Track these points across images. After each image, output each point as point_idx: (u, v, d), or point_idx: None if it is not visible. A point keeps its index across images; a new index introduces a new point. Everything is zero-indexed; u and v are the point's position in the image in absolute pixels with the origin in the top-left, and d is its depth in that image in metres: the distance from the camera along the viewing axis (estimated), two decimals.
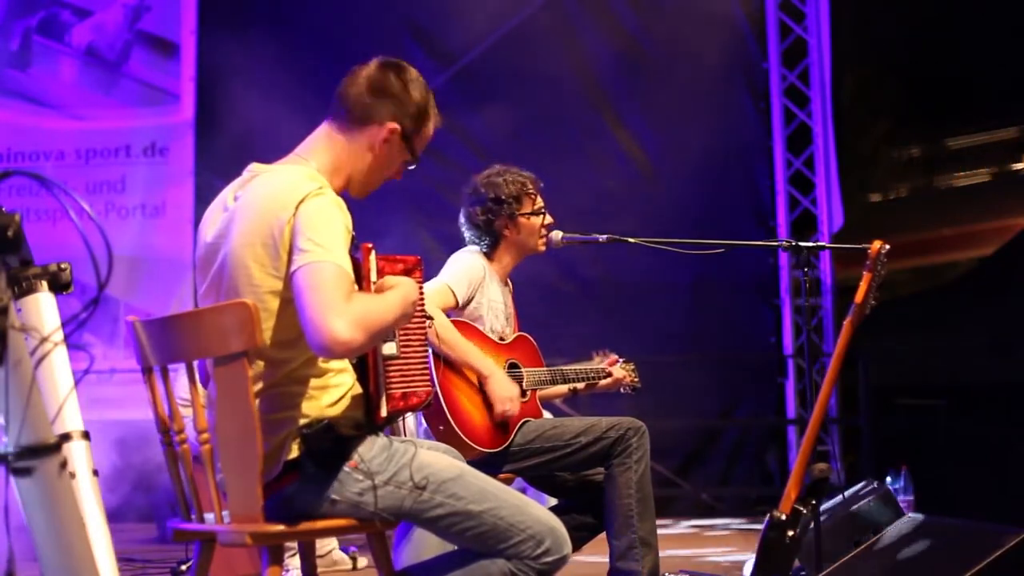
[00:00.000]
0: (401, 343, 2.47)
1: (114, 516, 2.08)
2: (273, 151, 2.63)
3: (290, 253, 2.29)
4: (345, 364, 2.44)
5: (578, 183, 7.11)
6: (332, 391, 2.39)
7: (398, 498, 2.36)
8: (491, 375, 3.42)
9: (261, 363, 2.34)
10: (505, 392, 3.41)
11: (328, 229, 2.29)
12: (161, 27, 7.39)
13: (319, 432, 2.33)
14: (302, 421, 2.34)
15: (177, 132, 7.28)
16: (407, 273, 2.49)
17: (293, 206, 2.31)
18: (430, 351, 3.23)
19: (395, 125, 2.54)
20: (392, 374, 2.46)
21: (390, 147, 2.55)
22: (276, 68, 7.18)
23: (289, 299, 2.30)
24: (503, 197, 3.62)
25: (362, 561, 4.78)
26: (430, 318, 2.67)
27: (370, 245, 2.43)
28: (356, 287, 2.31)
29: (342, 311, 2.18)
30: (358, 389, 2.44)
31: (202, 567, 2.43)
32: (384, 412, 2.42)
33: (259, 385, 2.34)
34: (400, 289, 2.38)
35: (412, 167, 2.64)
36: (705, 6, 7.49)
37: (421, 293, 2.51)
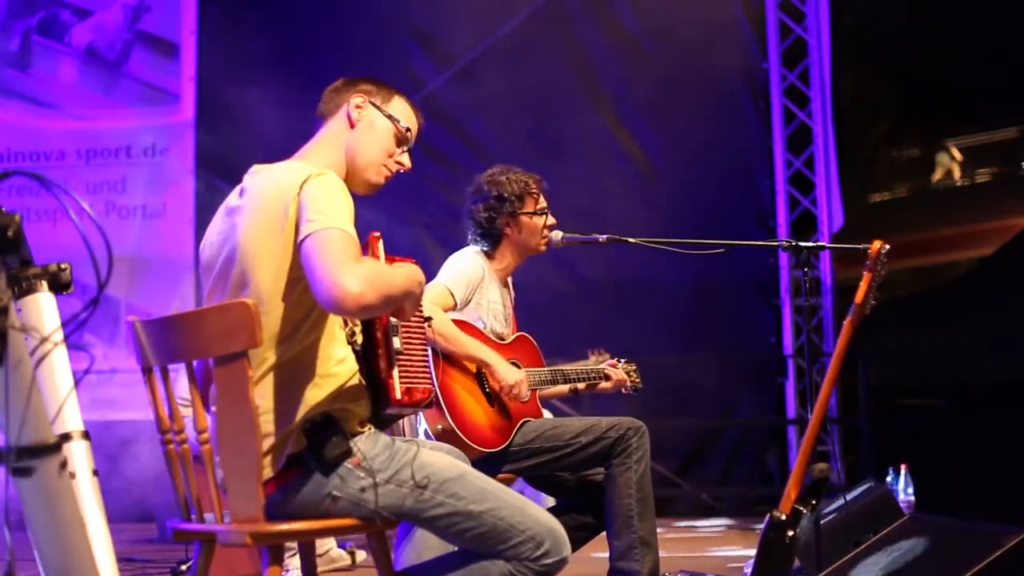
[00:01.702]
0: (403, 340, 2.49)
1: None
2: (273, 151, 2.65)
3: (297, 227, 2.32)
4: (348, 352, 2.45)
5: (578, 183, 7.11)
6: (335, 379, 2.40)
7: (399, 497, 2.36)
8: (494, 363, 3.43)
9: (268, 351, 2.35)
10: (512, 378, 3.43)
11: (333, 203, 2.33)
12: (161, 27, 7.40)
13: (321, 427, 2.34)
14: (306, 414, 2.35)
15: (177, 132, 7.28)
16: None
17: (297, 187, 2.35)
18: (430, 352, 3.24)
19: (358, 94, 2.62)
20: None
21: (367, 116, 2.61)
22: (276, 68, 7.18)
23: (298, 278, 2.33)
24: (506, 195, 3.63)
25: (360, 555, 4.78)
26: (428, 318, 2.68)
27: (378, 234, 2.48)
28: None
29: (352, 268, 2.21)
30: (362, 380, 2.45)
31: (202, 567, 2.43)
32: (398, 394, 2.43)
33: (265, 365, 2.35)
34: (407, 266, 2.43)
35: (408, 144, 2.66)
36: (705, 6, 7.49)
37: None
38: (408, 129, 2.66)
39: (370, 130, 2.61)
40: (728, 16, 7.64)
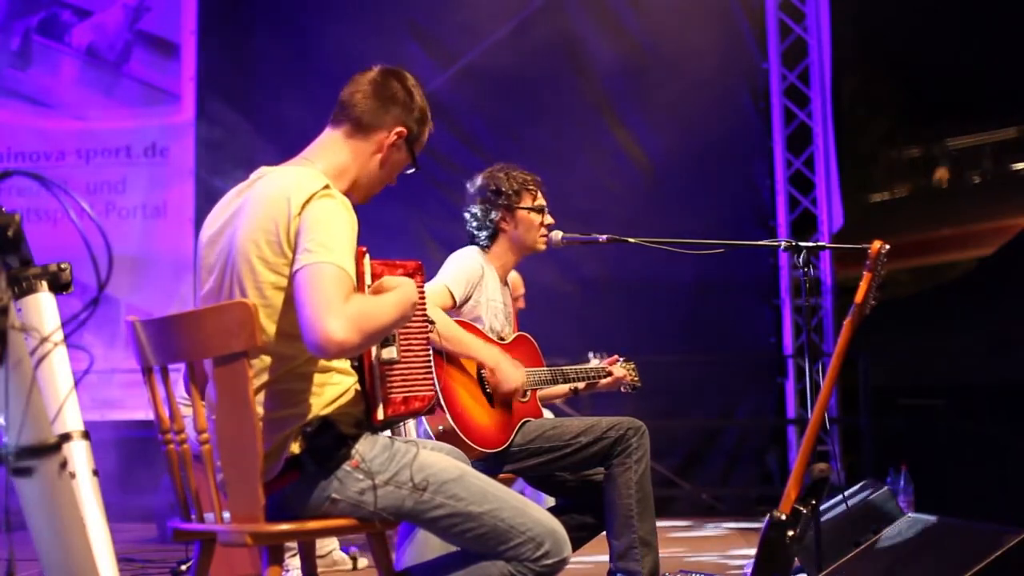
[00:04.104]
0: (402, 347, 2.46)
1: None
2: (273, 151, 2.65)
3: (295, 252, 2.29)
4: (347, 364, 2.44)
5: (578, 183, 7.11)
6: (335, 388, 2.39)
7: (398, 498, 2.36)
8: (496, 364, 3.43)
9: (267, 358, 2.34)
10: (511, 384, 3.43)
11: (333, 230, 2.29)
12: (161, 27, 7.39)
13: (320, 430, 2.33)
14: (305, 419, 2.35)
15: (177, 132, 7.28)
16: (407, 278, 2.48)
17: (299, 205, 2.31)
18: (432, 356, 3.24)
19: (402, 129, 2.57)
20: (394, 378, 2.45)
21: (395, 151, 2.59)
22: (276, 68, 7.18)
23: (293, 295, 2.30)
24: (503, 189, 3.64)
25: (362, 561, 4.78)
26: (432, 322, 2.66)
27: (364, 249, 2.43)
28: (356, 289, 2.31)
29: (338, 311, 2.18)
30: (359, 389, 2.44)
31: (202, 567, 2.42)
32: (381, 415, 2.42)
33: (263, 379, 2.34)
34: (399, 291, 2.38)
35: (411, 171, 2.66)
36: (705, 6, 7.50)
37: (422, 297, 2.51)
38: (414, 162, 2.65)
39: (389, 167, 2.59)
40: (728, 16, 7.64)
